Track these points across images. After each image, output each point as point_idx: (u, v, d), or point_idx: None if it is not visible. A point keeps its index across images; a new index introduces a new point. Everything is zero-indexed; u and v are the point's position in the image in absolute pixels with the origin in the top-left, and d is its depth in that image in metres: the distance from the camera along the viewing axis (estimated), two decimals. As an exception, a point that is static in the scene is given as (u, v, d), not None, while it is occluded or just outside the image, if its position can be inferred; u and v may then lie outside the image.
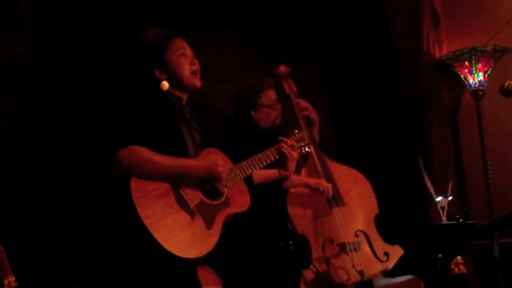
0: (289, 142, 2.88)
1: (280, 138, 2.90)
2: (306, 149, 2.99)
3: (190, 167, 2.56)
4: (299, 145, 2.94)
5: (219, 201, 2.63)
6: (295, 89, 3.66)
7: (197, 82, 2.78)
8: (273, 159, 2.83)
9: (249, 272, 3.16)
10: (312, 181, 3.38)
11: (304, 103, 3.61)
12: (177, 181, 2.54)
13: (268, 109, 3.50)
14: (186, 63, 2.76)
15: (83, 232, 3.53)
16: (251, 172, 2.75)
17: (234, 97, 3.59)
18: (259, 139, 3.36)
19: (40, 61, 3.66)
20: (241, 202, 2.70)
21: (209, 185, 2.62)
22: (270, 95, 3.51)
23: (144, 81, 2.77)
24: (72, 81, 3.76)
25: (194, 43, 2.87)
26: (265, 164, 2.80)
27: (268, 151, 2.84)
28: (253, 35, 4.33)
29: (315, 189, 3.34)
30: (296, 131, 3.00)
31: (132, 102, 2.74)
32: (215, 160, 2.65)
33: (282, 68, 3.69)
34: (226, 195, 2.65)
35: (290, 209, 3.38)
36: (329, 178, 3.46)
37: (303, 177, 3.44)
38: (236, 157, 2.78)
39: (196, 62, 2.79)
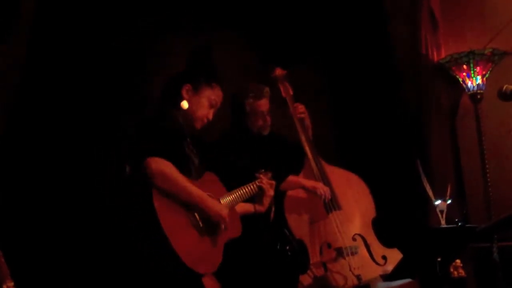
0: (265, 180, 2.99)
1: (256, 175, 3.01)
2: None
3: (205, 202, 2.65)
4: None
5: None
6: (291, 92, 3.66)
7: (199, 126, 2.87)
8: (252, 194, 2.96)
9: (247, 276, 3.16)
10: (309, 184, 3.39)
11: (300, 107, 3.61)
12: (189, 206, 2.62)
13: (252, 117, 3.49)
14: (207, 112, 2.83)
15: (84, 236, 3.53)
16: (239, 200, 2.91)
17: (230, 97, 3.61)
18: (248, 145, 3.39)
19: (40, 62, 3.66)
20: (235, 228, 2.83)
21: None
22: (257, 104, 3.47)
23: (167, 90, 2.80)
24: (72, 81, 3.76)
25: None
26: (247, 197, 2.95)
27: (248, 186, 2.95)
28: (252, 37, 4.34)
29: (312, 192, 3.34)
30: (263, 170, 3.08)
31: (151, 114, 2.79)
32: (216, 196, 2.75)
33: (278, 71, 3.69)
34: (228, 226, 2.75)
35: (287, 214, 3.38)
36: (326, 181, 3.46)
37: (300, 179, 3.44)
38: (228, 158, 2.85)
39: (211, 118, 2.88)
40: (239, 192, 2.91)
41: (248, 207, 3.04)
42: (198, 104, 2.81)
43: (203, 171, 2.83)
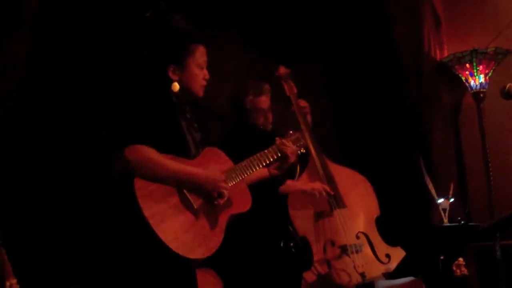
0: (288, 143, 2.86)
1: (277, 138, 2.88)
2: (302, 150, 2.98)
3: (195, 176, 2.54)
4: (296, 145, 2.93)
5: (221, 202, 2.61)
6: (295, 90, 3.65)
7: (201, 93, 2.78)
8: (272, 159, 2.81)
9: (250, 273, 3.16)
10: (306, 187, 3.38)
11: (303, 103, 3.61)
12: (180, 185, 2.53)
13: (253, 114, 3.49)
14: (201, 75, 2.76)
15: (85, 233, 3.54)
16: (251, 171, 2.73)
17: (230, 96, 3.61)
18: (254, 139, 3.36)
19: (41, 61, 3.66)
20: (242, 202, 2.68)
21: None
22: (257, 101, 3.47)
23: (155, 75, 2.75)
24: (75, 76, 3.76)
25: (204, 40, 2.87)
26: (265, 163, 2.78)
27: (268, 151, 2.82)
28: (255, 36, 4.34)
29: (310, 194, 3.34)
30: (291, 132, 2.99)
31: (138, 99, 2.74)
32: (219, 170, 2.63)
33: (282, 70, 3.68)
34: (227, 195, 2.64)
35: (291, 211, 3.38)
36: (330, 180, 3.46)
37: (297, 184, 3.43)
38: (234, 154, 2.78)
39: (208, 77, 2.79)
40: (250, 161, 2.74)
41: (261, 173, 2.90)
42: (190, 77, 2.70)
43: (204, 146, 2.71)
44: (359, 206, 3.48)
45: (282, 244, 3.29)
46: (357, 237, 3.38)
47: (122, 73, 3.80)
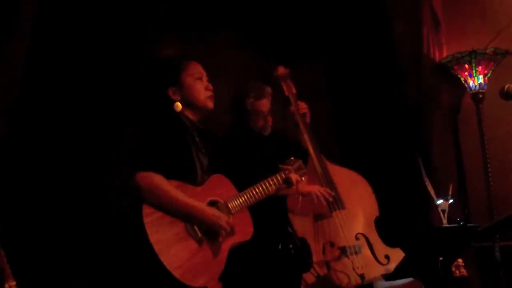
0: (293, 175, 2.94)
1: (281, 166, 2.94)
2: (303, 178, 3.10)
3: (199, 212, 2.60)
4: (299, 174, 3.02)
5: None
6: (294, 91, 3.64)
7: (210, 104, 2.83)
8: (275, 187, 2.89)
9: (250, 275, 3.15)
10: (305, 189, 3.37)
11: (302, 104, 3.61)
12: (184, 217, 2.59)
13: (253, 116, 3.49)
14: (202, 87, 2.80)
15: (85, 235, 3.53)
16: (254, 200, 2.80)
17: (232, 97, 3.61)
18: (255, 144, 3.37)
19: (41, 63, 3.66)
20: (244, 231, 2.76)
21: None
22: (258, 104, 3.49)
23: (157, 99, 2.79)
24: (74, 82, 3.76)
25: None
26: (268, 193, 2.85)
27: (271, 179, 2.88)
28: (254, 36, 4.34)
29: (308, 197, 3.34)
30: (293, 158, 3.02)
31: (146, 121, 2.79)
32: (223, 198, 2.70)
33: (281, 70, 3.68)
34: (229, 231, 2.69)
35: (290, 212, 3.38)
36: (329, 181, 3.46)
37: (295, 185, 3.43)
38: (232, 159, 2.80)
39: (211, 87, 2.84)
40: (254, 191, 2.82)
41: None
42: (189, 91, 2.78)
43: (211, 173, 2.77)
44: (358, 207, 3.48)
45: (280, 247, 3.29)
46: (357, 238, 3.38)
47: (123, 74, 3.82)
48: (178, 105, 2.75)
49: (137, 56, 3.85)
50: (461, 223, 2.79)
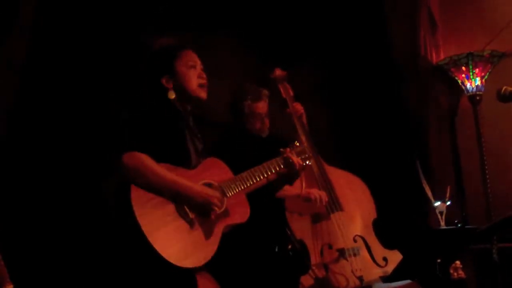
0: (293, 155, 2.85)
1: (281, 149, 2.87)
2: (307, 162, 2.96)
3: (188, 190, 2.55)
4: (301, 158, 2.92)
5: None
6: (291, 93, 3.65)
7: (203, 94, 2.80)
8: (275, 171, 2.81)
9: (248, 277, 3.15)
10: (303, 191, 3.37)
11: (299, 106, 3.61)
12: (174, 196, 2.54)
13: (250, 118, 3.50)
14: (195, 75, 2.79)
15: (83, 238, 3.52)
16: (252, 183, 2.74)
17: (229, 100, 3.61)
18: (252, 146, 3.37)
19: (40, 63, 3.66)
20: (240, 213, 2.69)
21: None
22: (255, 106, 3.49)
23: (152, 87, 2.78)
24: (74, 82, 3.76)
25: (191, 46, 2.89)
26: (266, 175, 2.78)
27: (271, 162, 2.81)
28: (251, 38, 4.34)
29: (307, 199, 3.34)
30: (297, 143, 2.98)
31: (139, 107, 2.76)
32: (219, 180, 2.64)
33: (278, 72, 3.68)
34: (225, 206, 2.64)
35: (288, 214, 3.37)
36: (327, 183, 3.46)
37: (295, 188, 3.42)
38: (234, 164, 2.78)
39: (205, 76, 2.82)
40: (251, 173, 2.74)
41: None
42: (181, 79, 2.75)
43: (206, 156, 2.73)
44: (356, 209, 3.48)
45: (277, 249, 3.28)
46: (355, 241, 3.38)
47: (123, 74, 3.81)
48: (172, 93, 2.75)
49: (137, 56, 3.83)
50: (459, 225, 2.80)
